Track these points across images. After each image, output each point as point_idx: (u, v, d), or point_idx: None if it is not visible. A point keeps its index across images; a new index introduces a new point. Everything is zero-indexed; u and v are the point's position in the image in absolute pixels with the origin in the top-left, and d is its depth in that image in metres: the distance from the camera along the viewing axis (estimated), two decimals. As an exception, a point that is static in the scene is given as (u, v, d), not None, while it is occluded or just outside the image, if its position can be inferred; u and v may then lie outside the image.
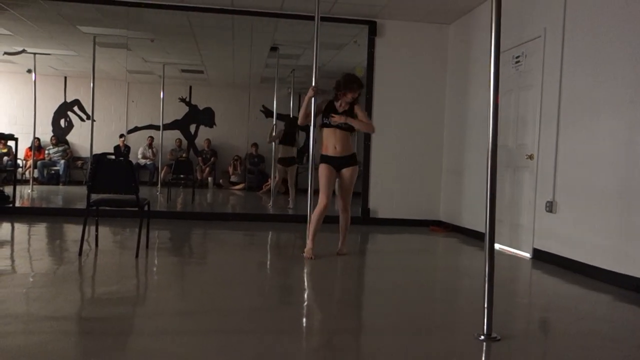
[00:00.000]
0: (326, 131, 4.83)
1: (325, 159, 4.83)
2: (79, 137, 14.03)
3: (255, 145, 14.09)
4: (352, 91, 4.75)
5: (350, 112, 4.79)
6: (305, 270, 4.47)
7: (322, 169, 4.81)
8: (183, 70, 12.50)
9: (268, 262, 5.00)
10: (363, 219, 7.59)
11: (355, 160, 4.93)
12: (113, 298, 3.31)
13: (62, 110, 14.20)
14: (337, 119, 4.74)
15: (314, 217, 4.80)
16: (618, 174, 4.21)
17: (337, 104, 4.84)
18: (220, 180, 14.13)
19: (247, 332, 2.71)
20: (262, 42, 9.44)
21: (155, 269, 4.32)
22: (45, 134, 13.92)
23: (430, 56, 7.71)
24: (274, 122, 9.99)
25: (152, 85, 13.88)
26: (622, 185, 4.16)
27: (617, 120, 4.26)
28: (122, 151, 13.06)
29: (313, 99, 4.89)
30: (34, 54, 10.47)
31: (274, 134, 9.37)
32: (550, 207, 5.04)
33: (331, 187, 4.82)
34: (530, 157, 5.43)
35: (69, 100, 14.19)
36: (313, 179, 5.15)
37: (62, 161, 13.31)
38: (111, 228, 6.11)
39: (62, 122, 14.20)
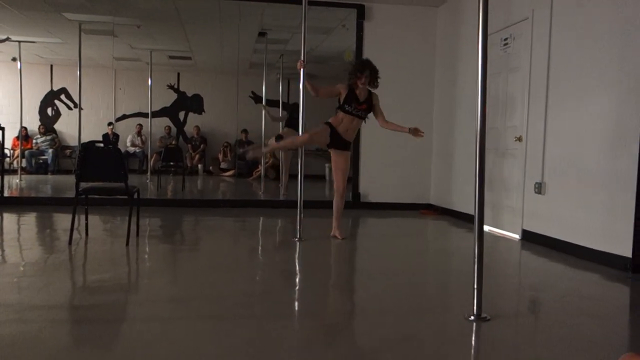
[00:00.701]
0: (343, 115, 4.97)
1: (334, 136, 4.95)
2: (67, 126, 13.91)
3: (244, 131, 14.03)
4: (362, 74, 4.81)
5: (369, 101, 4.95)
6: (297, 255, 4.49)
7: (333, 155, 5.06)
8: (171, 57, 12.39)
9: (259, 248, 5.01)
10: (354, 204, 7.61)
11: (350, 147, 5.14)
12: (104, 286, 3.31)
13: (49, 99, 14.05)
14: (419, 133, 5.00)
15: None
16: (604, 154, 4.25)
17: (357, 92, 4.92)
18: (210, 167, 14.09)
19: (240, 317, 2.73)
20: (250, 28, 9.37)
21: (146, 256, 4.32)
22: (33, 123, 13.78)
23: (419, 39, 7.70)
24: (264, 104, 9.94)
25: (139, 73, 13.75)
26: (609, 166, 4.20)
27: (604, 100, 4.29)
28: (110, 139, 12.97)
29: (302, 70, 5.02)
30: (19, 41, 10.33)
31: (276, 115, 9.34)
32: (539, 188, 5.08)
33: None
34: (519, 139, 5.46)
35: (55, 88, 14.04)
36: (304, 166, 5.18)
37: (51, 150, 13.21)
38: (101, 216, 6.09)
39: (49, 111, 14.06)
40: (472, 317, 2.71)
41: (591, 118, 4.43)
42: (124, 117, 14.37)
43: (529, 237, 5.26)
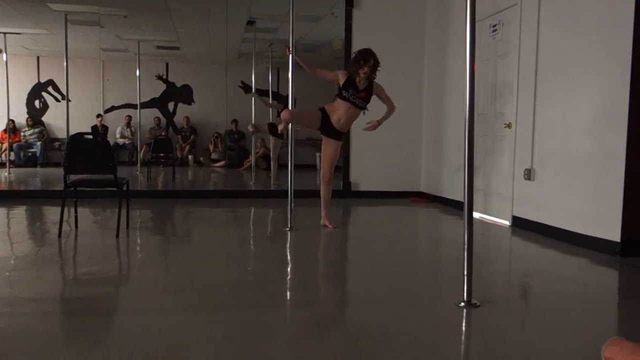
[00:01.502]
0: (340, 102, 4.84)
1: (324, 122, 4.87)
2: (55, 118, 13.80)
3: (235, 121, 13.98)
4: (366, 64, 4.73)
5: (369, 89, 4.84)
6: (288, 245, 4.49)
7: (323, 141, 5.00)
8: (159, 47, 12.28)
9: (251, 238, 5.01)
10: (345, 192, 7.62)
11: (341, 137, 5.05)
12: (95, 278, 3.30)
13: (36, 91, 13.92)
14: (370, 128, 4.97)
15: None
16: (593, 139, 4.27)
17: (356, 80, 4.81)
18: (201, 158, 14.04)
19: (231, 307, 2.73)
20: (238, 16, 9.30)
21: (137, 248, 4.31)
22: (20, 116, 13.66)
23: (408, 26, 7.67)
24: (253, 91, 9.90)
25: (127, 63, 13.64)
26: (597, 151, 4.22)
27: (592, 86, 4.30)
28: (99, 131, 12.89)
29: (290, 57, 4.99)
30: (4, 33, 10.20)
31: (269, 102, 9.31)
32: (529, 174, 5.10)
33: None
34: (509, 125, 5.47)
35: (42, 80, 13.91)
36: (294, 155, 5.18)
37: (39, 143, 13.11)
38: (91, 209, 6.06)
39: (37, 103, 13.94)
40: (463, 304, 2.72)
41: (580, 104, 4.44)
42: (113, 108, 14.27)
43: (519, 224, 5.29)
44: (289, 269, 3.75)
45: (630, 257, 3.93)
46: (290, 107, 5.27)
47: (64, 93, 9.24)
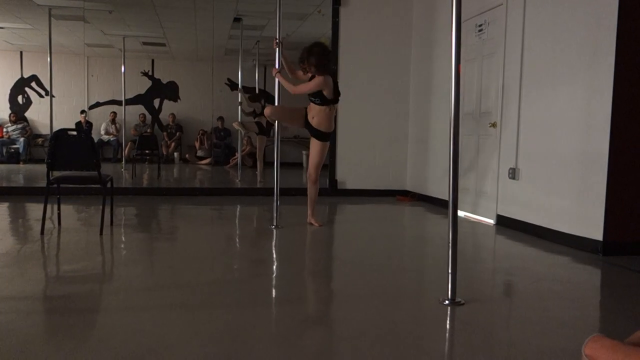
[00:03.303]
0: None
1: (307, 123, 4.96)
2: (39, 114, 13.65)
3: (221, 118, 13.93)
4: (302, 62, 4.84)
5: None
6: (274, 243, 4.48)
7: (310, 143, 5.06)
8: (144, 43, 12.20)
9: (236, 236, 4.99)
10: (331, 191, 7.63)
11: (323, 137, 4.95)
12: (78, 276, 3.27)
13: (20, 87, 13.76)
14: (273, 72, 5.02)
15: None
16: (576, 139, 4.31)
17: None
18: (187, 155, 13.98)
19: (217, 306, 2.72)
20: (224, 13, 9.26)
21: (121, 245, 4.27)
22: (3, 112, 13.50)
23: (395, 25, 7.69)
24: (239, 88, 9.85)
25: (112, 59, 13.54)
26: (580, 151, 4.26)
27: (575, 86, 4.34)
28: (83, 128, 12.76)
29: (277, 49, 5.00)
30: (-14, 27, 10.07)
31: (246, 104, 9.22)
32: (513, 174, 5.14)
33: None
34: (494, 125, 5.51)
35: (26, 75, 13.75)
36: (280, 153, 5.17)
37: (22, 139, 12.96)
38: (74, 206, 6.00)
39: (20, 99, 13.77)
40: (447, 302, 2.74)
41: (564, 104, 4.48)
42: (98, 104, 14.15)
43: (503, 222, 5.33)
44: (274, 267, 3.74)
45: (612, 255, 3.98)
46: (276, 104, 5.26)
47: (48, 89, 9.14)
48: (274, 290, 3.15)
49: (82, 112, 13.50)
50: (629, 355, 1.02)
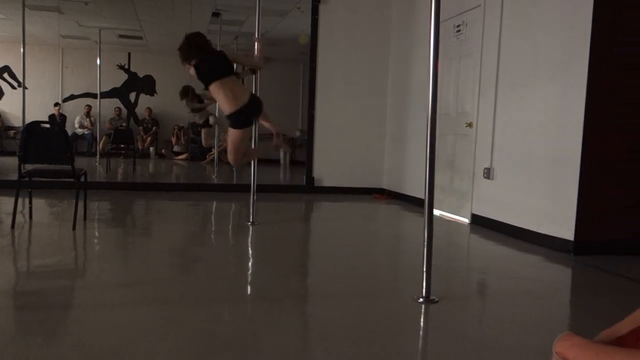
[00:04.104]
0: None
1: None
2: (11, 106, 13.37)
3: (198, 114, 13.80)
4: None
5: None
6: (250, 239, 4.47)
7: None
8: (121, 36, 12.03)
9: (212, 232, 4.96)
10: (308, 187, 7.63)
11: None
12: (49, 271, 3.22)
13: (-9, 77, 13.45)
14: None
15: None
16: (550, 140, 4.38)
17: None
18: (163, 150, 13.83)
19: (191, 302, 2.70)
20: (203, 8, 9.19)
21: (94, 240, 4.21)
22: (-26, 103, 13.19)
23: (375, 23, 7.72)
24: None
25: (88, 52, 13.33)
26: (553, 151, 4.33)
27: (550, 87, 4.41)
28: (57, 120, 12.54)
29: (256, 45, 4.95)
30: (-43, 16, 9.82)
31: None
32: (488, 173, 5.20)
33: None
34: (470, 125, 5.56)
35: (-2, 66, 13.45)
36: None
37: (-7, 131, 12.68)
38: (47, 200, 5.90)
39: (-8, 90, 13.47)
40: (421, 299, 2.76)
41: (538, 105, 4.55)
42: (72, 97, 13.92)
43: (478, 221, 5.40)
44: (249, 264, 3.73)
45: (583, 255, 4.05)
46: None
47: (21, 80, 8.94)
48: (249, 287, 3.14)
49: (56, 104, 13.27)
50: (597, 352, 1.04)
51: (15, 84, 13.41)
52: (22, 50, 8.18)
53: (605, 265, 3.81)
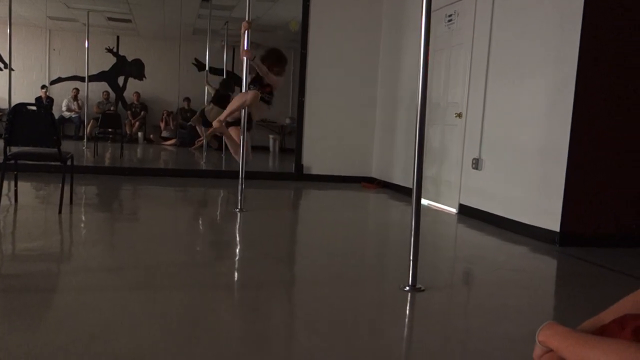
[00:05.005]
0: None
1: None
2: (-4, 88, 13.17)
3: (187, 99, 13.72)
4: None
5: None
6: (237, 226, 4.46)
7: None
8: (110, 19, 11.88)
9: (200, 218, 4.95)
10: (297, 175, 7.62)
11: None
12: (34, 254, 3.19)
13: (-23, 58, 13.24)
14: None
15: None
16: (538, 132, 4.40)
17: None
18: (151, 135, 13.73)
19: (176, 287, 2.69)
20: (193, -8, 9.08)
21: (80, 224, 4.18)
22: (-42, 84, 12.97)
23: (366, 11, 7.68)
24: (207, 68, 9.70)
25: (76, 34, 13.16)
26: (541, 143, 4.35)
27: (540, 79, 4.42)
28: (44, 103, 12.39)
29: (247, 32, 4.97)
30: (-58, -5, 9.62)
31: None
32: (477, 164, 5.22)
33: None
34: (459, 115, 5.57)
35: (-17, 47, 13.23)
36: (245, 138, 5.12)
37: (-22, 113, 12.50)
38: (33, 183, 5.84)
39: (-23, 71, 13.26)
40: (407, 288, 2.77)
41: (527, 96, 4.56)
42: (59, 80, 13.75)
43: (465, 212, 5.42)
44: (237, 250, 3.72)
45: (568, 246, 4.09)
46: (243, 90, 5.14)
47: (7, 61, 8.81)
48: (235, 274, 3.13)
49: (43, 87, 13.11)
50: (579, 341, 1.05)
51: (1, 65, 13.21)
52: (8, 31, 8.05)
53: (590, 257, 3.85)
